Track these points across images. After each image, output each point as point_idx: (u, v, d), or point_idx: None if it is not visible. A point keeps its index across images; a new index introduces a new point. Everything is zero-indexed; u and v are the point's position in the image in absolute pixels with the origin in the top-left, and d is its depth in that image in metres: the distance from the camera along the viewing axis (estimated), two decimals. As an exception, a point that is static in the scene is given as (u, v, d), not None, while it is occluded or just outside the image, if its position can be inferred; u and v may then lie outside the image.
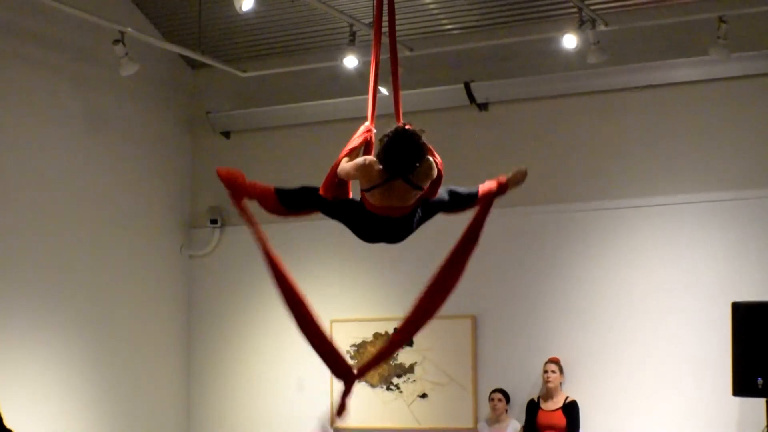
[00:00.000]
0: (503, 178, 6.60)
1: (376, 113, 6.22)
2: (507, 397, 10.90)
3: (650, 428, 10.53)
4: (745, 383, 9.54)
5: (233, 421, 12.51)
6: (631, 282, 10.89)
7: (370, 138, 6.09)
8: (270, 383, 12.37)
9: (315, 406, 12.00)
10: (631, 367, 10.80)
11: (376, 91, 6.29)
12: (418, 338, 11.47)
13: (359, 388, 11.61)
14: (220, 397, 12.61)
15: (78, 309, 11.10)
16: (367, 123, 6.17)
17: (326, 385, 11.99)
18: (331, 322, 12.02)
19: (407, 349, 11.58)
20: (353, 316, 11.88)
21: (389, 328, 10.53)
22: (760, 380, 9.41)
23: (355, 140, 6.02)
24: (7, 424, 7.91)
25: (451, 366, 11.45)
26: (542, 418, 10.66)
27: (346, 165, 5.79)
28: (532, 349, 11.15)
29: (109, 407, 11.49)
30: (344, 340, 11.96)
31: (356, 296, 11.95)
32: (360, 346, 11.86)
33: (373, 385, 11.67)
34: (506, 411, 10.88)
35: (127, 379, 11.76)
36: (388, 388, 11.72)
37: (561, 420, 10.61)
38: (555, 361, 10.80)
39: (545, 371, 10.75)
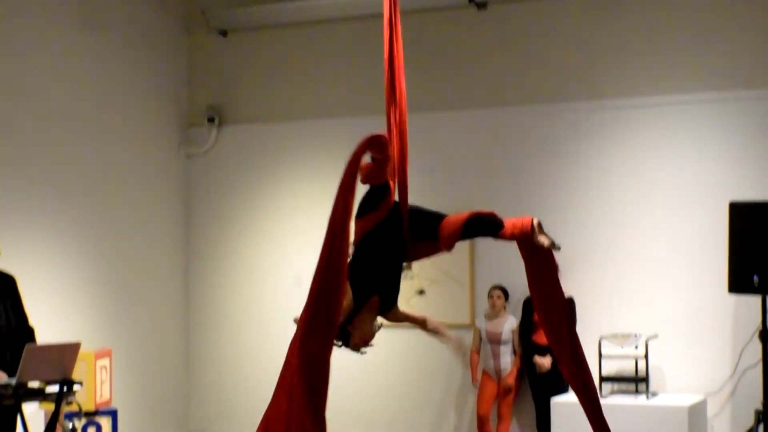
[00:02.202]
0: (529, 225, 6.41)
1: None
2: (506, 294, 10.98)
3: (646, 325, 10.60)
4: (741, 281, 9.61)
5: (231, 317, 12.62)
6: (628, 181, 10.90)
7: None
8: (268, 280, 12.44)
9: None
10: (627, 264, 10.86)
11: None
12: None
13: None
14: (218, 295, 12.70)
15: (75, 209, 11.12)
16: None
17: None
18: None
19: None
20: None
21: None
22: (756, 278, 9.48)
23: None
24: (31, 322, 7.99)
25: (449, 263, 11.46)
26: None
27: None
28: (529, 247, 11.20)
29: (109, 305, 11.59)
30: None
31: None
32: (358, 244, 11.91)
33: (371, 283, 11.68)
34: (505, 307, 10.98)
35: (126, 277, 11.84)
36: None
37: (557, 316, 10.70)
38: (551, 260, 10.85)
39: (542, 270, 10.80)
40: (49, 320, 10.15)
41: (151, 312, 12.26)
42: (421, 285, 11.58)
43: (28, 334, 7.82)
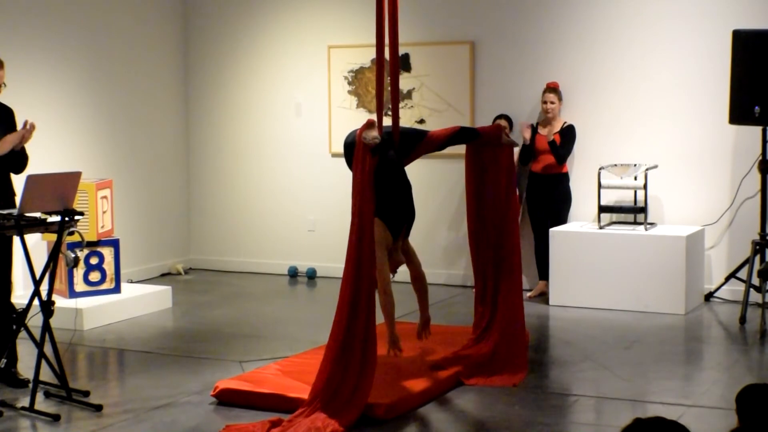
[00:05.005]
0: (500, 128, 8.45)
1: None
2: (510, 123, 10.94)
3: (645, 156, 10.62)
4: (742, 111, 9.57)
5: (232, 146, 12.60)
6: (631, 9, 10.75)
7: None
8: (268, 109, 12.39)
9: (313, 130, 12.07)
10: (629, 93, 10.79)
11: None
12: (416, 64, 11.49)
13: (359, 112, 11.69)
14: (218, 123, 12.66)
15: (73, 38, 11.05)
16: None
17: (324, 109, 12.03)
18: (329, 48, 11.95)
19: (405, 75, 11.50)
20: (351, 42, 11.79)
21: (386, 54, 10.44)
22: (757, 108, 9.44)
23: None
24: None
25: (449, 92, 11.44)
26: (539, 143, 10.74)
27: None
28: (530, 75, 11.11)
29: (109, 136, 11.60)
30: (341, 66, 11.92)
31: (354, 21, 11.82)
32: (357, 72, 11.82)
33: (371, 112, 11.62)
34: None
35: (125, 107, 11.82)
36: (385, 114, 11.70)
37: (557, 145, 10.73)
38: (554, 89, 10.75)
39: (544, 102, 10.73)
40: (48, 151, 10.17)
41: (151, 142, 12.26)
42: (421, 114, 11.53)
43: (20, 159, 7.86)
